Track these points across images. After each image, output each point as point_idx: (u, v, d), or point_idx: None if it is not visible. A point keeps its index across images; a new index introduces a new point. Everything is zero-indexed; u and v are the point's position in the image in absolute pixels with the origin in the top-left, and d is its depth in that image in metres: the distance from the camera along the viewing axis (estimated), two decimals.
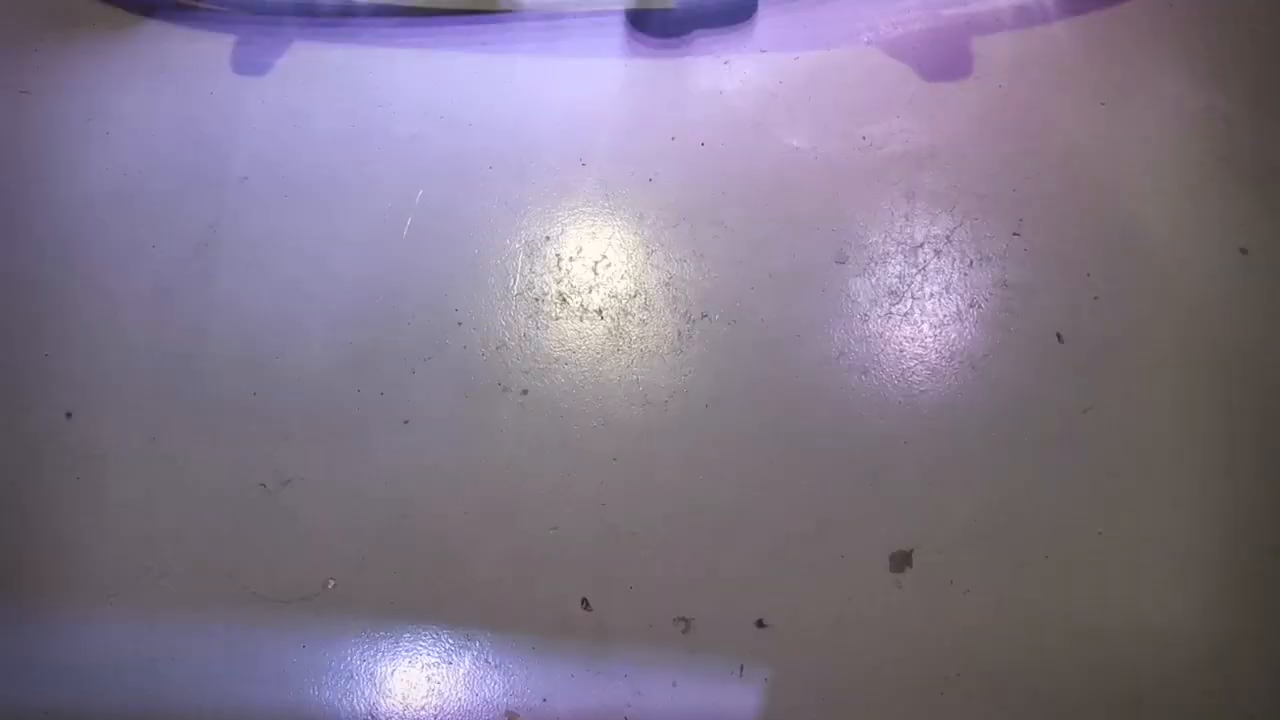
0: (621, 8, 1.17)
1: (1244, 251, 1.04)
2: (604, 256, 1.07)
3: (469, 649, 0.92)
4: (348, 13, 1.19)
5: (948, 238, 1.06)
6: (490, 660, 0.92)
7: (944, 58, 1.13)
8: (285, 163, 1.12)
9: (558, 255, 1.07)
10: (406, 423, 1.00)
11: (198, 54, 1.18)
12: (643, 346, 1.03)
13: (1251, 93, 1.11)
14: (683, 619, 0.93)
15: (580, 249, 1.08)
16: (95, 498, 0.98)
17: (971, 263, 1.05)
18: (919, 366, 1.01)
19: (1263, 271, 1.03)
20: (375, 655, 0.93)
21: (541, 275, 1.06)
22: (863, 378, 1.00)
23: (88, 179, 1.11)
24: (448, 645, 0.93)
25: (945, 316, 1.03)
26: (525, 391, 1.01)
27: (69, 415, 1.01)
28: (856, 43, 1.15)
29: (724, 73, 1.15)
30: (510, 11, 1.19)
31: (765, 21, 1.17)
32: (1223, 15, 1.15)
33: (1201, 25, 1.15)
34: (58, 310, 1.06)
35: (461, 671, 0.92)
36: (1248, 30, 1.14)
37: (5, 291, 1.07)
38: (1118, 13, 1.15)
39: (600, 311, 1.05)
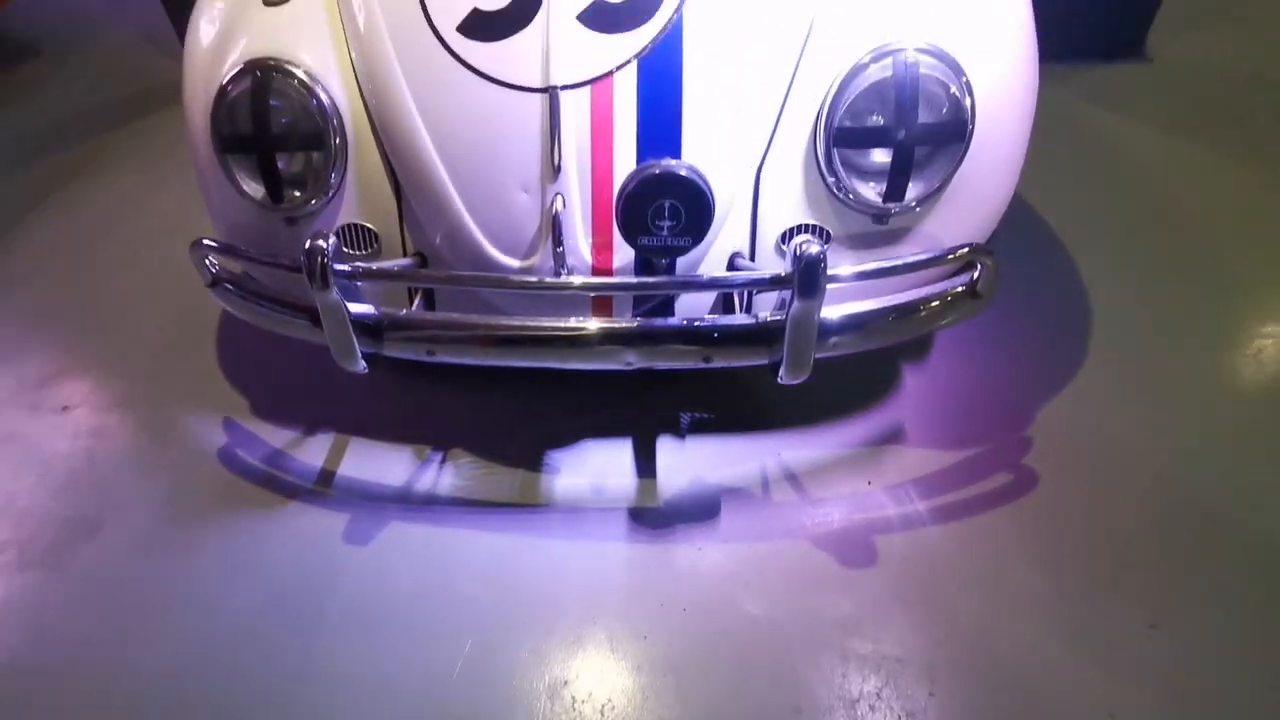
0: (625, 507, 1.64)
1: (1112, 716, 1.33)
2: (609, 700, 1.32)
3: None
4: (431, 502, 1.63)
5: (878, 694, 1.35)
6: None
7: (854, 549, 1.57)
8: (371, 610, 1.43)
9: (573, 697, 1.32)
10: None
11: (321, 527, 1.57)
12: None
13: (1084, 579, 1.52)
14: None
15: (590, 693, 1.33)
16: None
17: (900, 716, 1.32)
18: None
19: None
20: None
21: (559, 715, 1.29)
22: None
23: (226, 612, 1.44)
24: None
25: None
26: None
27: None
28: (792, 536, 1.59)
29: (698, 556, 1.55)
30: (546, 505, 1.65)
31: (727, 519, 1.61)
32: (1053, 521, 1.61)
33: (1037, 528, 1.60)
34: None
35: None
36: (1076, 524, 1.61)
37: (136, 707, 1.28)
38: (972, 520, 1.64)
39: None
